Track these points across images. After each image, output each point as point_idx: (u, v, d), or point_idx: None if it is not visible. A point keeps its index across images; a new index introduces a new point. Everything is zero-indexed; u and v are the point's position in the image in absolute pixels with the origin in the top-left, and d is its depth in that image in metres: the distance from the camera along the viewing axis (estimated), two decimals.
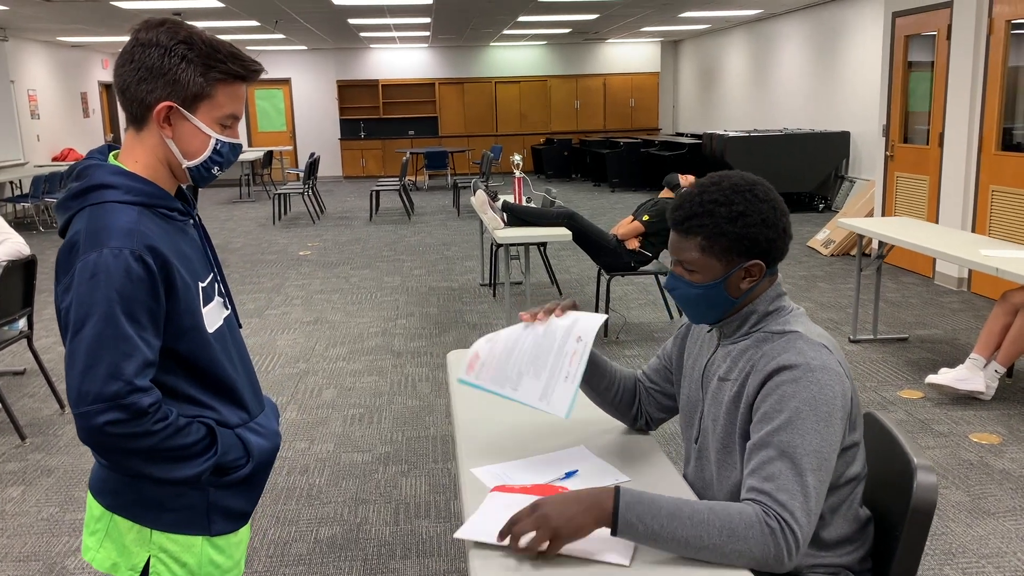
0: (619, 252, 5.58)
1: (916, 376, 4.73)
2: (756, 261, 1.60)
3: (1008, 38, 6.18)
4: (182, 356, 1.49)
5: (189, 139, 1.49)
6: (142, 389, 1.37)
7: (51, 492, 3.61)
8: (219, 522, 1.56)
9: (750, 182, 1.61)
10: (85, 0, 9.47)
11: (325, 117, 18.11)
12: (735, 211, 1.57)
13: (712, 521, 1.38)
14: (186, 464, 1.46)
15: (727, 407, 1.61)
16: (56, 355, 5.59)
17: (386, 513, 3.35)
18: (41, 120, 13.87)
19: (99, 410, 1.35)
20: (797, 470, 1.43)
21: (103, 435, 1.36)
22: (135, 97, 1.46)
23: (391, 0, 10.16)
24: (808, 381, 1.49)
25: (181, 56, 1.44)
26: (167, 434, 1.41)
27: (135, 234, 1.40)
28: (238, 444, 1.55)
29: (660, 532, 1.38)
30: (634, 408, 1.92)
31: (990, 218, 6.40)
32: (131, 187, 1.46)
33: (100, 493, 1.53)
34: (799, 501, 1.41)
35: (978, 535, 3.06)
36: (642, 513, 1.39)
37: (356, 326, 6.14)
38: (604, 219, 10.90)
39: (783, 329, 1.59)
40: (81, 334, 1.36)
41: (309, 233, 10.64)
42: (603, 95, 18.41)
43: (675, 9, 11.94)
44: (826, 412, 1.47)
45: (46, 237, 10.85)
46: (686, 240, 1.62)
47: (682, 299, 1.67)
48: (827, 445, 1.46)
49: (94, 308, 1.36)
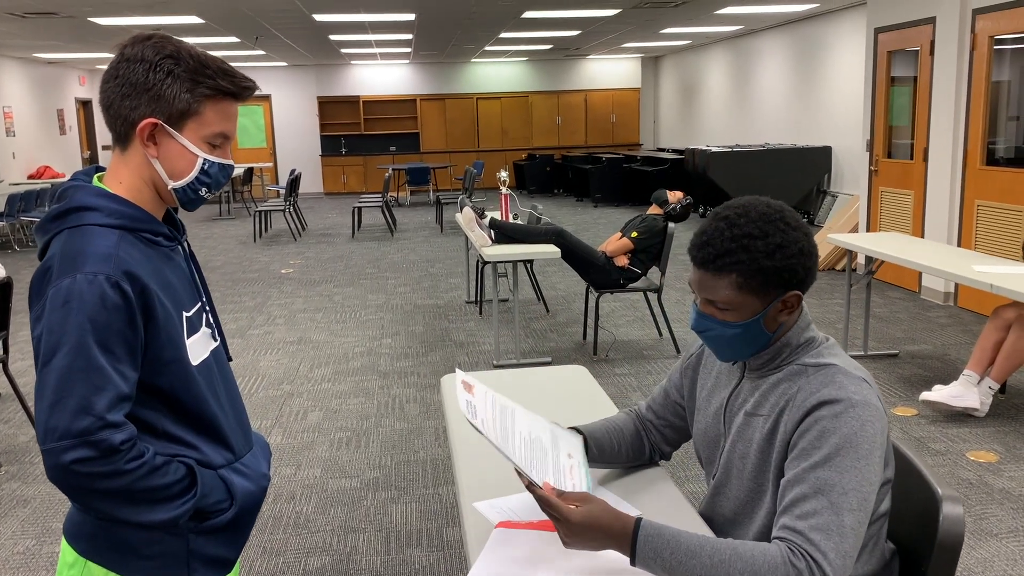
0: (608, 269, 5.53)
1: (909, 393, 4.69)
2: (794, 292, 1.50)
3: (991, 53, 6.21)
4: (162, 391, 1.40)
5: (175, 159, 1.41)
6: (114, 425, 1.28)
7: (27, 524, 3.47)
8: (200, 570, 1.46)
9: (777, 209, 1.50)
10: (62, 16, 9.34)
11: (306, 133, 18.00)
12: (772, 244, 1.46)
13: (733, 562, 1.32)
14: (162, 507, 1.36)
15: (760, 444, 1.53)
16: (32, 379, 5.45)
17: (376, 542, 3.25)
18: (16, 137, 13.67)
19: (66, 447, 1.26)
20: (835, 509, 1.36)
21: (70, 474, 1.27)
22: (119, 114, 1.39)
23: (373, 16, 10.11)
24: (849, 417, 1.41)
25: (167, 71, 1.37)
26: (141, 474, 1.32)
27: (112, 259, 1.32)
28: (221, 486, 1.45)
29: (677, 568, 1.34)
30: (646, 450, 1.85)
31: (976, 232, 6.41)
32: (113, 209, 1.38)
33: (74, 538, 1.42)
34: (834, 541, 1.33)
35: (982, 557, 3.00)
36: (660, 548, 1.35)
37: (340, 346, 6.04)
38: (588, 234, 10.86)
39: (819, 362, 1.51)
40: (51, 365, 1.28)
41: (291, 251, 10.52)
42: (584, 111, 18.44)
43: (656, 25, 11.97)
44: (867, 450, 1.40)
45: (22, 256, 10.66)
46: (718, 278, 1.49)
47: (716, 340, 1.55)
48: (867, 484, 1.39)
49: (65, 337, 1.27)
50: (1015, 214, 6.00)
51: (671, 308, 6.86)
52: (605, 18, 11.04)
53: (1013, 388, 4.72)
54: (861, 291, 5.65)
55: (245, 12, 9.48)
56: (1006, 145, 6.28)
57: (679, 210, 5.62)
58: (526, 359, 5.49)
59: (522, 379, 2.47)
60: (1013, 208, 6.02)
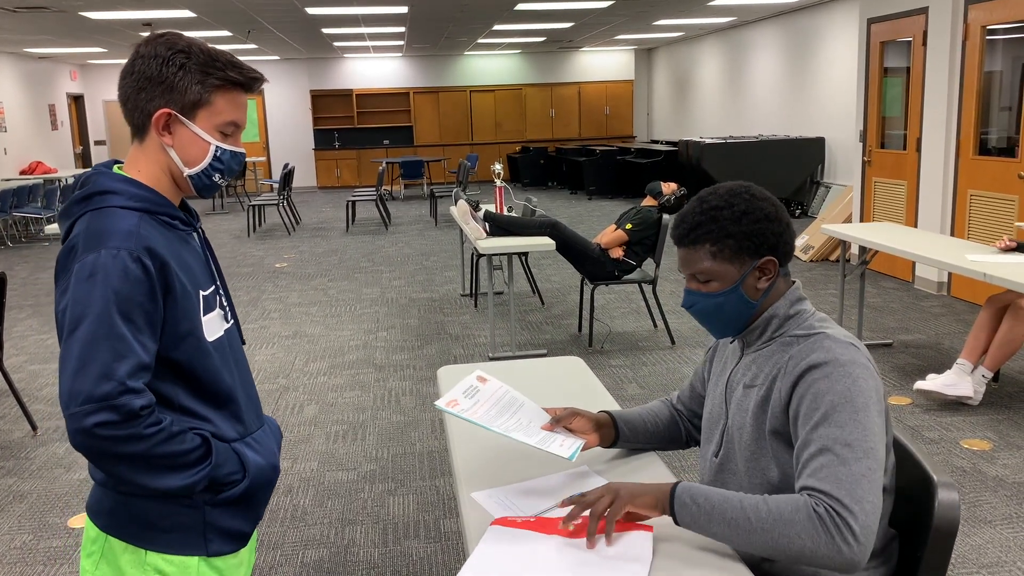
0: (603, 261, 5.53)
1: (903, 382, 4.72)
2: (768, 258, 1.60)
3: (984, 43, 6.22)
4: (178, 364, 1.46)
5: (189, 146, 1.50)
6: (134, 390, 1.34)
7: (24, 519, 3.47)
8: (216, 542, 1.50)
9: (744, 185, 1.63)
10: (53, 10, 9.29)
11: (299, 127, 17.95)
12: (737, 211, 1.58)
13: (761, 506, 1.40)
14: (178, 473, 1.41)
15: (754, 412, 1.59)
16: (27, 375, 5.44)
17: (374, 534, 3.26)
18: (8, 133, 13.61)
19: (89, 411, 1.31)
20: (841, 460, 1.40)
21: (93, 437, 1.32)
22: (136, 107, 1.48)
23: (365, 9, 10.08)
24: (840, 375, 1.47)
25: (179, 65, 1.46)
26: (159, 439, 1.37)
27: (134, 236, 1.39)
28: (234, 458, 1.50)
29: (712, 512, 1.42)
30: (682, 435, 1.93)
31: (969, 222, 6.43)
32: (133, 193, 1.46)
33: (95, 514, 1.49)
34: (845, 489, 1.37)
35: (976, 544, 3.03)
36: (696, 494, 1.45)
37: (336, 339, 6.04)
38: (583, 227, 10.87)
39: (808, 332, 1.57)
40: (75, 334, 1.34)
41: (285, 244, 10.50)
42: (578, 103, 18.43)
43: (649, 17, 11.96)
44: (862, 403, 1.45)
45: (14, 252, 10.62)
46: (694, 251, 1.61)
47: (702, 313, 1.64)
48: (870, 434, 1.43)
49: (89, 308, 1.34)
50: (1007, 203, 6.02)
51: (666, 299, 6.87)
52: (598, 10, 11.02)
53: (1006, 376, 4.75)
54: (855, 281, 5.67)
55: (237, 5, 9.44)
56: (998, 135, 6.30)
57: (673, 201, 5.63)
58: (522, 351, 5.50)
59: (518, 371, 2.47)
60: (1005, 197, 6.04)
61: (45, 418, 4.64)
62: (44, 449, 4.20)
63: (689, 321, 6.21)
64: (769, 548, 1.38)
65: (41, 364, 5.67)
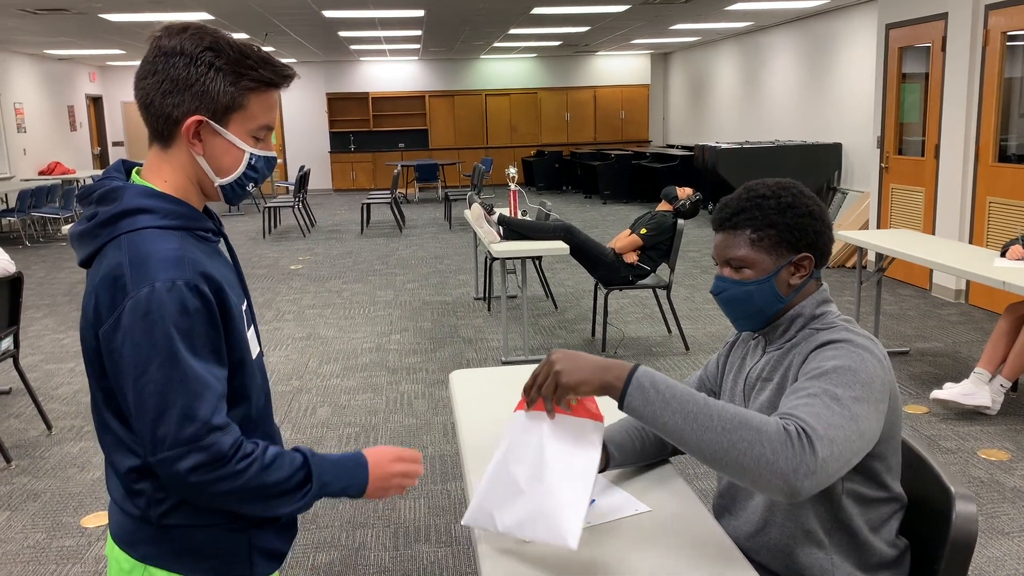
0: (617, 266, 5.51)
1: (920, 391, 4.67)
2: (806, 254, 1.59)
3: (1004, 49, 6.16)
4: (234, 390, 1.39)
5: (221, 155, 1.37)
6: (219, 427, 1.28)
7: (38, 518, 3.49)
8: (260, 564, 1.45)
9: (792, 182, 1.63)
10: (73, 12, 9.37)
11: (315, 130, 18.02)
12: (783, 203, 1.58)
13: (729, 409, 1.33)
14: (282, 499, 1.35)
15: (770, 399, 1.57)
16: (43, 374, 5.47)
17: (385, 537, 3.25)
18: (27, 133, 13.73)
19: (179, 455, 1.25)
20: (824, 405, 1.36)
21: (187, 483, 1.27)
22: (160, 112, 1.33)
23: (382, 13, 10.11)
24: (850, 350, 1.46)
25: (209, 64, 1.31)
26: (253, 472, 1.31)
27: (184, 262, 1.28)
28: (330, 468, 1.42)
29: (670, 402, 1.33)
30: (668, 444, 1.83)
31: (987, 229, 6.37)
32: (169, 210, 1.33)
33: (130, 545, 1.39)
34: (821, 425, 1.32)
35: (994, 556, 2.99)
36: (657, 380, 1.36)
37: (349, 342, 6.04)
38: (597, 231, 10.84)
39: (828, 327, 1.57)
40: (145, 378, 1.25)
41: (300, 247, 10.54)
42: (593, 107, 18.40)
43: (665, 22, 11.93)
44: (865, 379, 1.42)
45: (32, 252, 10.71)
46: (734, 236, 1.61)
47: (730, 301, 1.62)
48: (865, 404, 1.39)
49: (154, 351, 1.25)
50: None
51: (680, 305, 6.84)
52: (614, 14, 11.01)
53: None
54: (871, 288, 5.62)
55: (255, 8, 9.49)
56: (1018, 142, 6.24)
57: (688, 206, 5.60)
58: (534, 355, 5.48)
59: None
60: None
61: (60, 417, 4.66)
62: (59, 448, 4.22)
63: (704, 327, 6.18)
64: (722, 451, 1.29)
65: (57, 363, 5.70)
